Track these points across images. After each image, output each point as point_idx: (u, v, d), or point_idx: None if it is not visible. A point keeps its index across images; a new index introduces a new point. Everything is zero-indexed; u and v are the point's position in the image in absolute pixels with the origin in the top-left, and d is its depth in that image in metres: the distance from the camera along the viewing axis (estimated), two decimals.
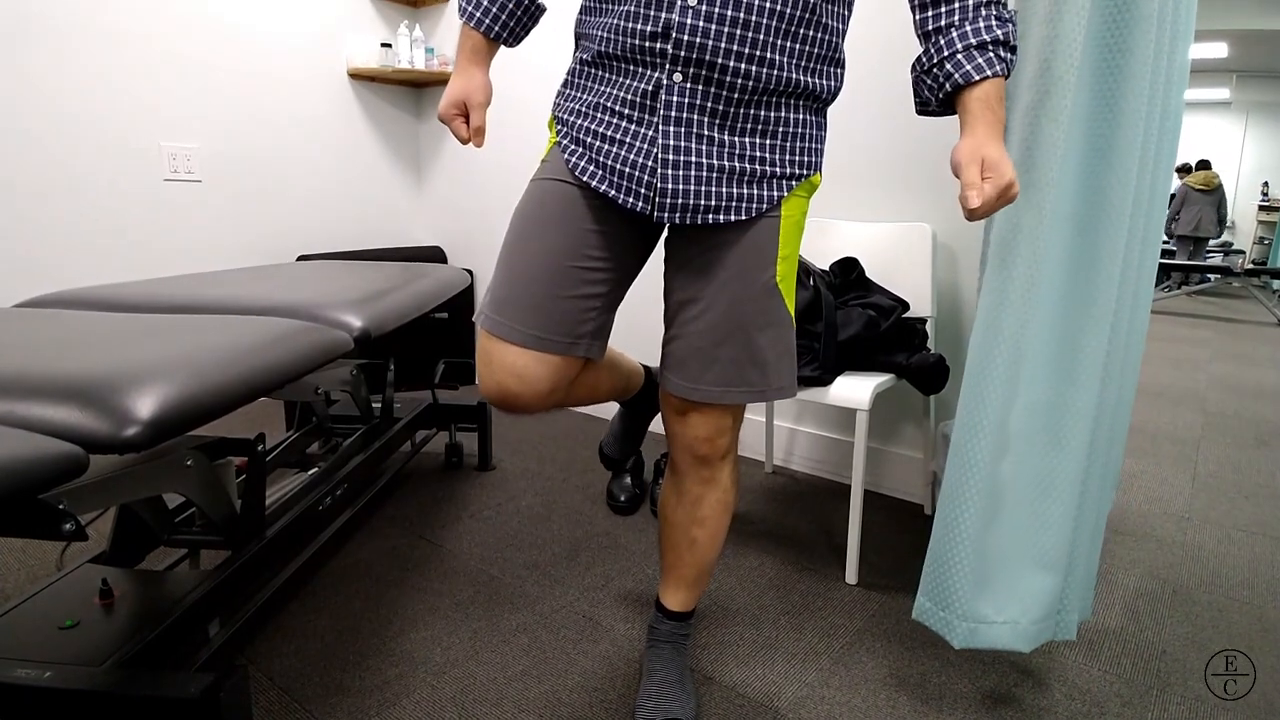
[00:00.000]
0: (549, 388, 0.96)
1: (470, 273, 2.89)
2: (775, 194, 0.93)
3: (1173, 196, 7.78)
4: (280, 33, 2.60)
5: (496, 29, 1.05)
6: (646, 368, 1.35)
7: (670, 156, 0.88)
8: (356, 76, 2.85)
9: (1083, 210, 1.05)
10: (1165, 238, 8.00)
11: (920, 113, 0.96)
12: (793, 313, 0.99)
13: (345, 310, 1.25)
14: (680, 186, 0.89)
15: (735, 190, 0.90)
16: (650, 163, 0.88)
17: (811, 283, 1.59)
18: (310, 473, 1.55)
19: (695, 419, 1.00)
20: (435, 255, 3.05)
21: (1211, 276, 7.18)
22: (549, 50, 2.53)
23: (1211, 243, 8.04)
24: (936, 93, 0.90)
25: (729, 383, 0.96)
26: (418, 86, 3.06)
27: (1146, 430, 2.73)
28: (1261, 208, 9.52)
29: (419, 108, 3.10)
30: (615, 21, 0.89)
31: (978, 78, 0.85)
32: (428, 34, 2.95)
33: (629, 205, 0.91)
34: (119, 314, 1.14)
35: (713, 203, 0.90)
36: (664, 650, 1.17)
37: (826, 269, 1.73)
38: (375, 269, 1.72)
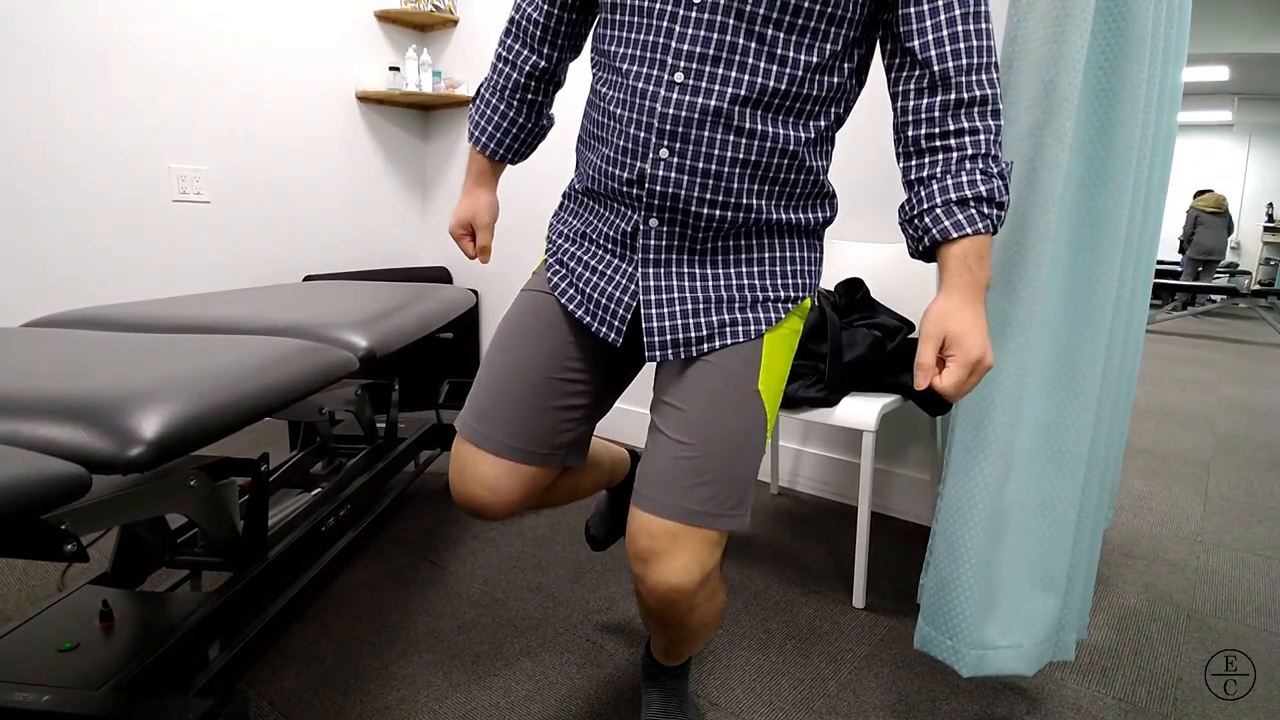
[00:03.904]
0: (519, 498, 0.95)
1: (475, 293, 2.90)
2: (771, 315, 0.89)
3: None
4: (289, 56, 2.64)
5: (501, 152, 1.08)
6: (632, 452, 1.29)
7: (652, 297, 0.87)
8: (364, 99, 2.89)
9: (1079, 233, 1.05)
10: (1163, 259, 7.98)
11: (912, 256, 0.90)
12: (771, 425, 0.92)
13: (350, 330, 1.25)
14: (666, 324, 0.87)
15: (725, 317, 0.88)
16: (626, 298, 0.88)
17: (817, 303, 1.59)
18: (313, 493, 1.54)
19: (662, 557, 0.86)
20: (441, 276, 3.06)
21: (1217, 297, 7.17)
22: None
23: (1219, 264, 8.05)
24: (917, 244, 0.86)
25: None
26: (425, 109, 3.09)
27: (1156, 451, 2.71)
28: (1267, 229, 9.53)
29: (426, 130, 3.13)
30: (599, 162, 0.89)
31: (955, 235, 0.80)
32: (435, 58, 2.99)
33: (601, 334, 0.90)
34: (124, 334, 1.14)
35: (703, 332, 0.88)
36: (663, 678, 1.14)
37: (832, 289, 1.72)
38: (380, 289, 1.72)
